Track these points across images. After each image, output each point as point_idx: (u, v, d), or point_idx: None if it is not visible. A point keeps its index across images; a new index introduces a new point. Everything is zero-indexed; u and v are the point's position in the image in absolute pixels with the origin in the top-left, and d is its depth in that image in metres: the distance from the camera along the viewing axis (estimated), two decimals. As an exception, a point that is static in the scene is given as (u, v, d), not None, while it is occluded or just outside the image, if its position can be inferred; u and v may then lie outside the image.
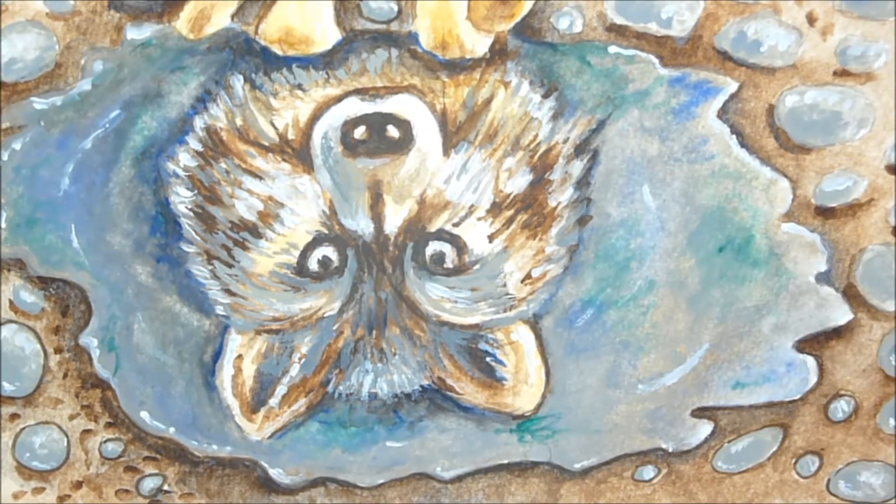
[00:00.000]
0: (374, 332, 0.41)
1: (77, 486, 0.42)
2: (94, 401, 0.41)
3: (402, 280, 0.40)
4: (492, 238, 0.39)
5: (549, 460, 0.42)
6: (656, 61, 0.38)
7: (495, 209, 0.39)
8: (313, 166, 0.40)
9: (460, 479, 0.42)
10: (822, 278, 0.41)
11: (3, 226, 0.40)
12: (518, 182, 0.39)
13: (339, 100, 0.39)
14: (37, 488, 0.41)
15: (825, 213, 0.40)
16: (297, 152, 0.40)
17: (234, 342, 0.41)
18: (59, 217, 0.40)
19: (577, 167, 0.40)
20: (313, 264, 0.40)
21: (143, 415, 0.41)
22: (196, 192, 0.40)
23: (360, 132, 0.39)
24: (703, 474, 0.43)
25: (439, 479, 0.42)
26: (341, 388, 0.42)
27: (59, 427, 0.41)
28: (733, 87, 0.38)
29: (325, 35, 0.39)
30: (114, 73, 0.39)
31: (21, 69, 0.39)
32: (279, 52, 0.39)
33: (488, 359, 0.41)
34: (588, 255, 0.41)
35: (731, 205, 0.41)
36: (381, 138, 0.39)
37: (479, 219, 0.39)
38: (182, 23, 0.39)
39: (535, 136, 0.39)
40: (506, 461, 0.42)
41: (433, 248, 0.40)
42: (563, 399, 0.41)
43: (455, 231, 0.39)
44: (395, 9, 0.38)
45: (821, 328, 0.42)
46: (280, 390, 0.41)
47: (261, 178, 0.40)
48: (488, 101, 0.39)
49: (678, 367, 0.42)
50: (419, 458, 0.42)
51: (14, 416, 0.41)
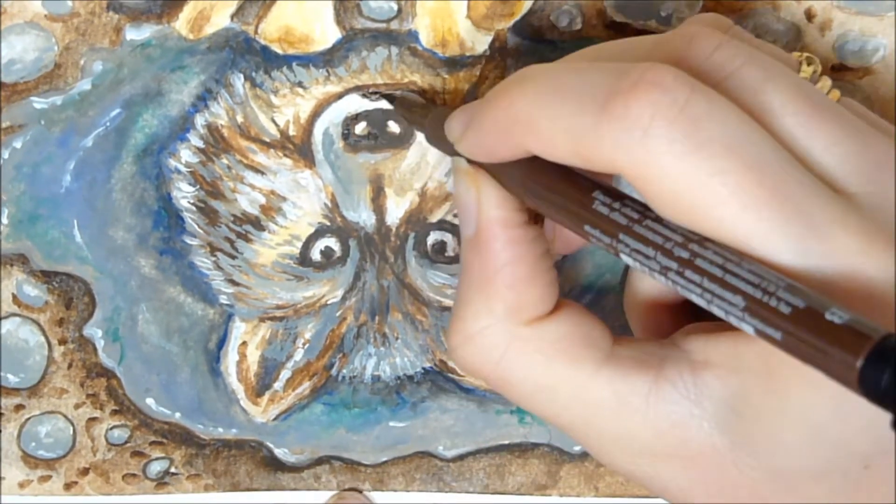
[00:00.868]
0: (376, 318, 0.41)
1: (84, 472, 0.42)
2: (99, 389, 0.41)
3: (405, 268, 0.40)
4: (492, 226, 0.39)
5: (549, 442, 0.42)
6: (656, 59, 0.38)
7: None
8: (315, 161, 0.40)
9: (462, 458, 0.42)
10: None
11: (6, 222, 0.40)
12: (517, 173, 0.39)
13: (339, 96, 0.39)
14: (43, 476, 0.41)
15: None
16: (298, 148, 0.40)
17: (239, 329, 0.41)
18: (62, 213, 0.40)
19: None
20: (316, 255, 0.40)
21: (149, 401, 0.42)
22: (198, 187, 0.40)
23: (360, 128, 0.39)
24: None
25: (441, 458, 0.42)
26: (345, 371, 0.42)
27: (65, 416, 0.41)
28: (732, 82, 0.38)
29: (325, 34, 0.39)
30: (114, 72, 0.39)
31: (20, 70, 0.39)
32: (279, 51, 0.39)
33: (489, 341, 0.41)
34: (586, 242, 0.41)
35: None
36: (382, 134, 0.39)
37: (479, 208, 0.39)
38: (181, 23, 0.38)
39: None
40: (506, 442, 0.42)
41: (434, 237, 0.40)
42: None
43: (456, 221, 0.40)
44: (395, 8, 0.38)
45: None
46: (284, 374, 0.42)
47: (263, 173, 0.40)
48: (489, 98, 0.39)
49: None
50: (422, 437, 0.42)
51: (19, 407, 0.41)
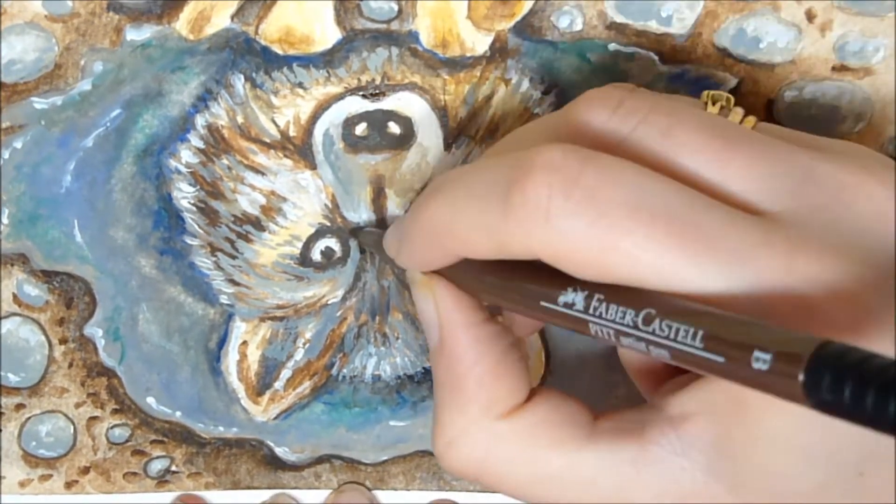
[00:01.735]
0: (377, 318, 0.41)
1: (84, 471, 0.42)
2: (100, 388, 0.41)
3: (405, 269, 0.40)
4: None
5: (549, 441, 0.42)
6: (656, 58, 0.38)
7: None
8: (315, 162, 0.40)
9: (462, 456, 0.42)
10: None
11: (6, 222, 0.40)
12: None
13: (339, 97, 0.39)
14: (43, 475, 0.42)
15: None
16: (298, 149, 0.40)
17: (239, 329, 0.41)
18: (62, 213, 0.40)
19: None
20: (316, 255, 0.40)
21: (150, 400, 0.42)
22: (199, 187, 0.40)
23: (361, 129, 0.39)
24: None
25: (441, 457, 0.42)
26: (345, 370, 0.42)
27: (66, 415, 0.41)
28: (732, 82, 0.38)
29: (326, 34, 0.39)
30: (114, 73, 0.39)
31: (20, 70, 0.39)
32: (279, 52, 0.39)
33: (488, 341, 0.41)
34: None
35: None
36: (382, 135, 0.39)
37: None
38: (182, 24, 0.38)
39: (536, 131, 0.39)
40: (506, 441, 0.42)
41: (435, 237, 0.40)
42: (563, 381, 0.42)
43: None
44: (396, 8, 0.38)
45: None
46: (285, 374, 0.42)
47: (263, 174, 0.40)
48: (489, 98, 0.39)
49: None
50: (422, 436, 0.42)
51: (20, 407, 0.41)
